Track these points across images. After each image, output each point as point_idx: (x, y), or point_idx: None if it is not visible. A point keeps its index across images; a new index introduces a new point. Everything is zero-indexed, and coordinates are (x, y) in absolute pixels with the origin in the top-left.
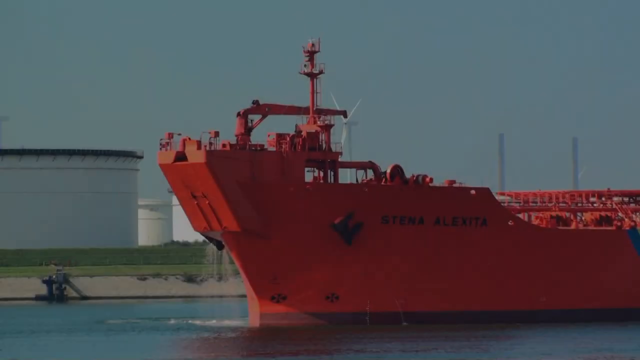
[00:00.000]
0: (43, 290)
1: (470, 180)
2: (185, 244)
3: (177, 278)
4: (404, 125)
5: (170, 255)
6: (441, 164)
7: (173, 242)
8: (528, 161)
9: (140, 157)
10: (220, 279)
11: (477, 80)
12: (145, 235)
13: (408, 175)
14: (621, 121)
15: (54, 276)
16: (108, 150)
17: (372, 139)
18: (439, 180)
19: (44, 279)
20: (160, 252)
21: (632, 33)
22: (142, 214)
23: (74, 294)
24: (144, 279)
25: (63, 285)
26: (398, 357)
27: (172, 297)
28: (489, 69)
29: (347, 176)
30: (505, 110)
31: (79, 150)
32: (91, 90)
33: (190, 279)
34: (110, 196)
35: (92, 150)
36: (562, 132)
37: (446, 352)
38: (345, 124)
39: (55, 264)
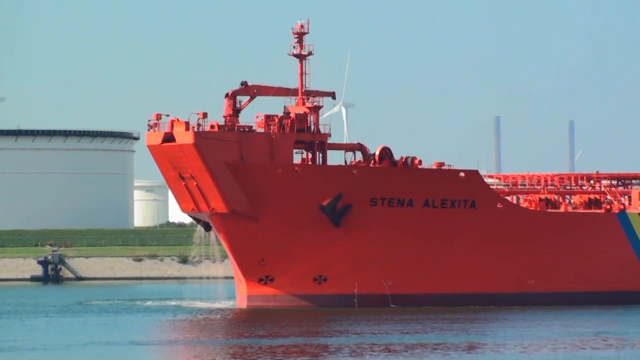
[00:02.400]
0: (38, 271)
1: (466, 163)
2: (181, 225)
3: (172, 259)
4: (399, 107)
5: (166, 236)
6: (437, 146)
7: (169, 224)
8: (524, 144)
9: (136, 139)
10: (215, 260)
11: (473, 62)
12: (141, 216)
13: (397, 157)
14: (618, 104)
15: (49, 257)
16: (104, 132)
17: (367, 121)
18: (431, 162)
19: (40, 259)
20: (155, 233)
21: (631, 17)
22: (137, 195)
23: (70, 275)
24: (140, 260)
25: (58, 266)
26: (391, 340)
27: (168, 278)
28: (486, 52)
29: (335, 158)
30: (501, 93)
31: (74, 131)
32: (87, 71)
33: (185, 260)
34: (106, 177)
35: (88, 132)
36: (559, 115)
37: (443, 333)
38: (343, 106)
39: (51, 245)
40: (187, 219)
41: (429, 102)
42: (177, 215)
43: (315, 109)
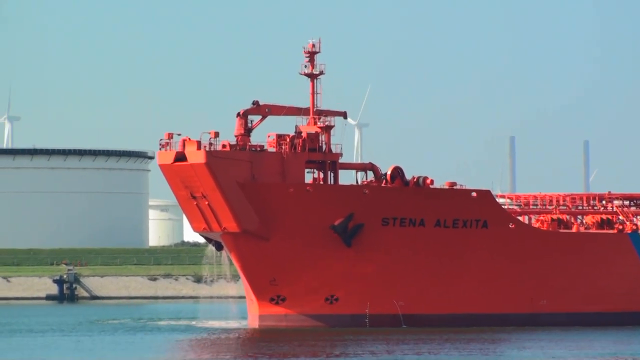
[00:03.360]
0: (54, 289)
1: (481, 183)
2: (196, 245)
3: (187, 279)
4: (412, 127)
5: (181, 255)
6: (451, 167)
7: (183, 243)
8: (539, 164)
9: (151, 158)
10: (228, 280)
11: (488, 82)
12: (156, 235)
13: (409, 176)
14: (634, 124)
15: (64, 276)
16: (119, 151)
17: (380, 140)
18: (444, 182)
19: (55, 278)
20: (170, 252)
21: None
22: (152, 214)
23: (85, 294)
24: (155, 279)
25: (74, 285)
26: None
27: (182, 297)
28: (501, 72)
29: (347, 178)
30: (516, 113)
31: (90, 151)
32: (102, 90)
33: (200, 280)
34: (121, 196)
35: (103, 151)
36: (574, 135)
37: (459, 354)
38: (357, 127)
39: (66, 264)
40: (202, 239)
41: (443, 122)
42: (192, 234)
43: (327, 129)
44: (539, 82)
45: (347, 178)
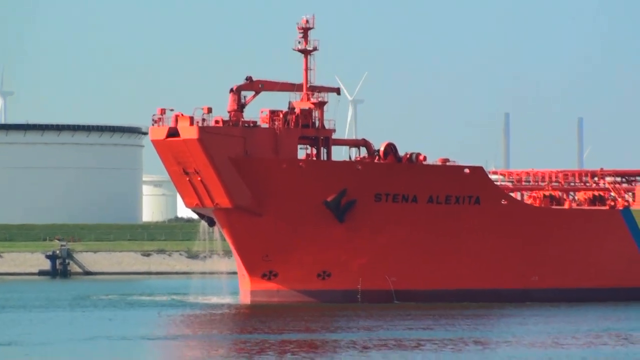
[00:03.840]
0: (46, 265)
1: (476, 160)
2: (189, 221)
3: (180, 254)
4: (407, 104)
5: (174, 231)
6: (446, 143)
7: (177, 219)
8: (533, 141)
9: (145, 134)
10: (224, 255)
11: (483, 59)
12: (150, 211)
13: (402, 153)
14: (627, 101)
15: (57, 251)
16: (113, 126)
17: (374, 117)
18: (438, 159)
19: (48, 254)
20: (164, 228)
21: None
22: (146, 190)
23: (78, 270)
24: (148, 255)
25: (66, 261)
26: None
27: (176, 273)
28: (497, 49)
29: (340, 154)
30: (511, 90)
31: (83, 126)
32: (95, 66)
33: (193, 256)
34: (115, 172)
35: (97, 126)
36: (568, 112)
37: (459, 328)
38: (351, 102)
39: (59, 239)
40: (195, 215)
41: (438, 99)
42: (186, 210)
43: (320, 105)
44: (535, 60)
45: (340, 154)
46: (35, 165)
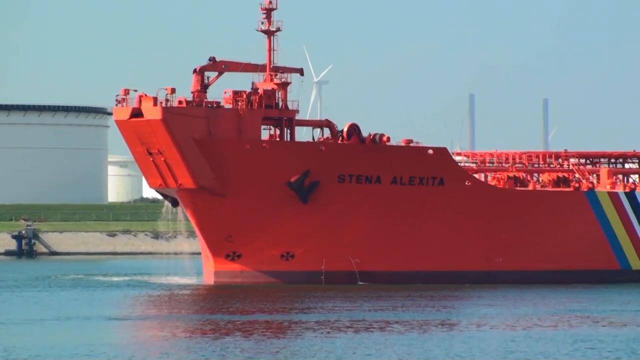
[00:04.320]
0: (12, 245)
1: (440, 141)
2: (155, 201)
3: (146, 235)
4: (372, 85)
5: (140, 212)
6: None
7: (142, 199)
8: (499, 122)
9: (110, 114)
10: (189, 236)
11: (448, 39)
12: (115, 191)
13: (366, 134)
14: (592, 83)
15: (23, 231)
16: (78, 107)
17: (339, 98)
18: (402, 139)
19: (14, 234)
20: (129, 208)
21: None
22: (112, 170)
23: (44, 250)
24: (114, 235)
25: (32, 241)
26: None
27: (141, 253)
28: (461, 30)
29: (304, 135)
30: (476, 70)
31: (49, 107)
32: (59, 46)
33: (158, 236)
34: (80, 152)
35: (62, 107)
36: (533, 94)
37: (421, 311)
38: (316, 83)
39: (25, 220)
40: (160, 195)
41: (402, 80)
42: (151, 191)
43: (284, 85)
44: (500, 40)
45: (303, 135)
46: (1, 146)
